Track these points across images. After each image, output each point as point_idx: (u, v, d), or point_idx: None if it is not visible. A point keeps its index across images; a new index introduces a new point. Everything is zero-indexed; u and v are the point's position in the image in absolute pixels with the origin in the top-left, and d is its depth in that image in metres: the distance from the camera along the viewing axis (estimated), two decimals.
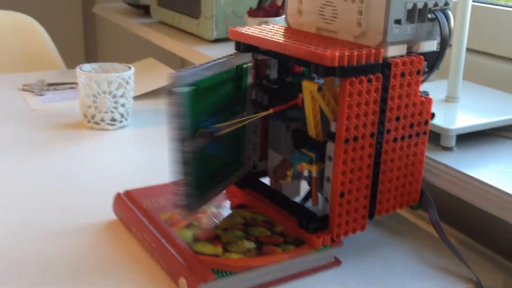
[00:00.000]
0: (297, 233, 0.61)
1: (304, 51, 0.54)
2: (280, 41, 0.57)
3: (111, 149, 0.90)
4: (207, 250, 0.58)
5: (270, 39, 0.58)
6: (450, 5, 0.58)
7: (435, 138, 0.69)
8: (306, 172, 0.66)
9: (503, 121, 0.71)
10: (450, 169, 0.65)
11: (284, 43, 0.57)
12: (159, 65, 1.27)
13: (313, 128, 0.58)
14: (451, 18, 0.57)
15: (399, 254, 0.64)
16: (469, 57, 0.87)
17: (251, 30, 0.62)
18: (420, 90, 0.60)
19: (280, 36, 0.60)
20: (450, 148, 0.69)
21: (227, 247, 0.58)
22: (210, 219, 0.64)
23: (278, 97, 0.65)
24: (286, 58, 0.58)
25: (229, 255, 0.57)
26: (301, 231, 0.60)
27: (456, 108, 0.74)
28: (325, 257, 0.60)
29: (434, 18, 0.57)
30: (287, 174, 0.58)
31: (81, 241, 0.64)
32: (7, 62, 1.50)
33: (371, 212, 0.61)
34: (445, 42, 0.57)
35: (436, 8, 0.57)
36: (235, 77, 0.63)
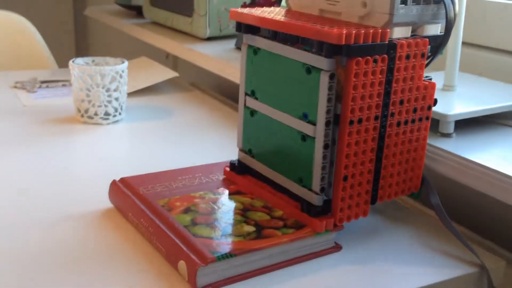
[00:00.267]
0: (298, 218, 0.60)
1: (310, 29, 0.54)
2: (284, 20, 0.56)
3: (105, 143, 0.88)
4: (206, 233, 0.56)
5: (272, 19, 0.58)
6: None
7: (434, 125, 0.69)
8: None
9: (500, 108, 0.71)
10: (450, 154, 0.64)
11: (288, 22, 0.56)
12: (153, 63, 1.25)
13: None
14: (456, 2, 0.57)
15: (401, 240, 0.63)
16: (463, 50, 0.88)
17: (253, 11, 0.61)
18: (424, 75, 0.59)
19: (282, 17, 0.59)
20: (449, 135, 0.69)
21: (227, 230, 0.57)
22: (208, 204, 0.62)
23: None
24: (291, 39, 0.57)
25: (229, 238, 0.56)
26: (302, 215, 0.59)
27: (454, 96, 0.74)
28: (326, 242, 0.59)
29: (440, 1, 0.57)
30: None
31: (77, 230, 0.62)
32: None
33: (374, 198, 0.60)
34: (450, 25, 0.57)
35: None
36: None
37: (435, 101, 0.61)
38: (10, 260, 0.56)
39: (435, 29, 0.59)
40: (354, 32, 0.52)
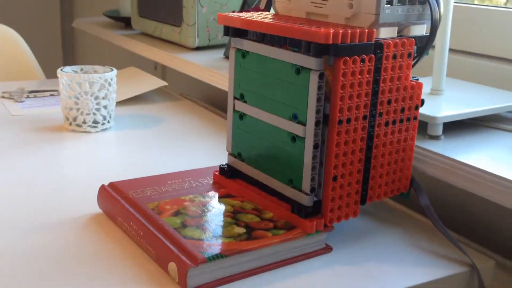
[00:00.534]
0: (288, 219, 0.59)
1: (297, 30, 0.54)
2: (271, 22, 0.57)
3: (94, 151, 0.88)
4: (197, 235, 0.56)
5: (261, 21, 0.58)
6: None
7: (423, 128, 0.70)
8: None
9: (487, 111, 0.72)
10: (439, 156, 0.65)
11: (275, 24, 0.56)
12: (141, 73, 1.26)
13: None
14: (441, 2, 0.58)
15: (391, 241, 0.63)
16: (450, 56, 0.89)
17: (240, 14, 0.62)
18: (411, 75, 0.60)
19: (270, 19, 0.59)
20: (438, 137, 0.69)
21: (217, 232, 0.57)
22: (198, 207, 0.62)
23: None
24: (279, 40, 0.57)
25: (219, 239, 0.55)
26: (293, 217, 0.59)
27: (442, 100, 0.75)
28: (316, 243, 0.59)
29: (425, 1, 0.57)
30: None
31: (66, 234, 0.62)
32: None
33: (363, 198, 0.60)
34: (435, 26, 0.58)
35: None
36: None
37: (423, 101, 0.62)
38: None
39: (421, 30, 0.59)
40: (341, 32, 0.52)
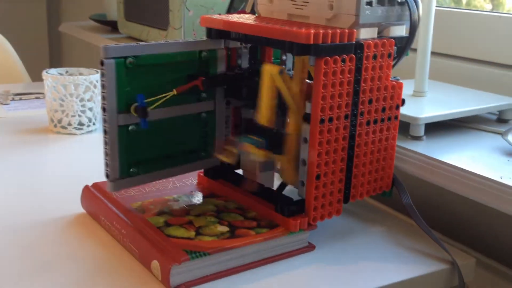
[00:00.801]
0: (272, 218, 0.60)
1: (279, 31, 0.55)
2: (253, 24, 0.58)
3: (79, 153, 0.88)
4: (180, 234, 0.56)
5: (243, 22, 0.59)
6: None
7: (405, 129, 0.71)
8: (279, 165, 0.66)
9: (468, 112, 0.73)
10: (421, 156, 0.66)
11: (257, 25, 0.57)
12: None
13: (265, 114, 0.57)
14: (420, 3, 0.59)
15: (374, 239, 0.64)
16: (432, 59, 0.90)
17: (223, 16, 0.62)
18: (392, 75, 0.61)
19: (253, 21, 0.60)
20: (420, 137, 0.70)
21: (200, 231, 0.57)
22: (182, 206, 0.62)
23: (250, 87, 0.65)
24: (259, 41, 0.58)
25: (202, 238, 0.56)
26: (276, 216, 0.59)
27: (424, 101, 0.76)
28: (299, 242, 0.59)
29: (404, 2, 0.58)
30: (229, 151, 0.59)
31: (50, 235, 0.62)
32: None
33: (346, 197, 0.61)
34: (414, 26, 0.59)
35: None
36: (198, 63, 0.63)
37: (403, 101, 0.62)
38: None
39: (400, 31, 0.60)
40: (322, 32, 0.53)
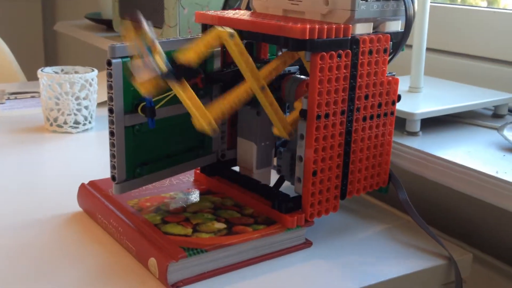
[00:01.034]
0: (269, 215, 0.60)
1: (274, 26, 0.55)
2: (248, 19, 0.57)
3: (75, 152, 0.87)
4: (177, 231, 0.56)
5: (238, 18, 0.59)
6: None
7: (401, 124, 0.71)
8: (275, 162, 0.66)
9: (464, 107, 0.73)
10: (417, 151, 0.66)
11: (253, 20, 0.57)
12: None
13: (191, 54, 0.54)
14: None
15: (371, 235, 0.64)
16: (428, 55, 0.90)
17: (218, 12, 0.62)
18: (387, 71, 0.61)
19: (248, 17, 0.60)
20: (415, 133, 0.70)
21: (197, 228, 0.57)
22: (178, 204, 0.62)
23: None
24: (255, 37, 0.58)
25: (199, 235, 0.56)
26: (274, 212, 0.59)
27: (419, 97, 0.76)
28: (297, 238, 0.59)
29: None
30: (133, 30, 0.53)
31: (47, 233, 0.62)
32: None
33: (343, 193, 0.61)
34: (410, 22, 0.59)
35: None
36: None
37: (399, 97, 0.62)
38: None
39: (396, 26, 0.60)
40: (318, 28, 0.53)
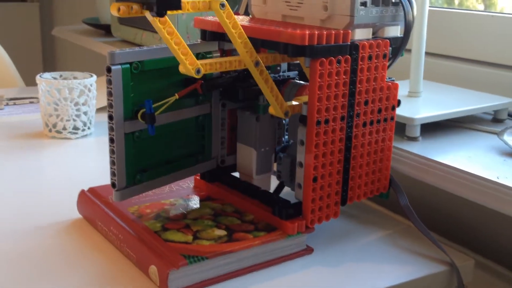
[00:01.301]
0: (269, 221, 0.60)
1: (273, 32, 0.55)
2: (247, 25, 0.57)
3: (74, 157, 0.87)
4: (177, 238, 0.56)
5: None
6: None
7: (401, 129, 0.70)
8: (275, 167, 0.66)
9: (464, 112, 0.73)
10: (417, 156, 0.65)
11: (252, 26, 0.57)
12: None
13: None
14: (414, 3, 0.59)
15: (372, 242, 0.63)
16: (427, 59, 0.90)
17: (217, 18, 0.62)
18: (387, 76, 0.61)
19: (247, 22, 0.60)
20: (415, 138, 0.70)
21: (198, 235, 0.57)
22: (179, 210, 0.62)
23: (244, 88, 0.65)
24: (254, 43, 0.58)
25: (200, 242, 0.55)
26: (274, 219, 0.59)
27: (419, 102, 0.76)
28: (297, 245, 0.59)
29: (398, 2, 0.58)
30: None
31: (46, 240, 0.61)
32: None
33: (344, 199, 0.61)
34: (409, 27, 0.59)
35: None
36: None
37: (399, 102, 0.62)
38: None
39: (395, 31, 0.60)
40: (317, 33, 0.53)
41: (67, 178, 0.79)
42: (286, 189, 0.67)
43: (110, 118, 0.56)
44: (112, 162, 0.57)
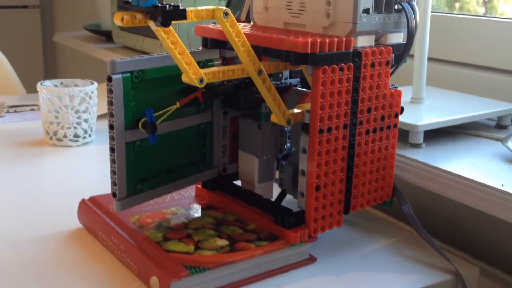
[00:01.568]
0: (272, 230, 0.59)
1: (275, 40, 0.54)
2: (249, 33, 0.57)
3: (75, 165, 0.87)
4: (179, 248, 0.55)
5: None
6: None
7: (404, 136, 0.70)
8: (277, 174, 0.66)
9: (467, 118, 0.72)
10: (421, 164, 0.65)
11: (254, 34, 0.56)
12: None
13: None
14: (417, 10, 0.58)
15: (375, 250, 0.63)
16: (429, 64, 0.89)
17: (218, 26, 0.62)
18: (390, 83, 0.60)
19: (248, 30, 0.59)
20: (419, 145, 0.69)
21: (199, 245, 0.56)
22: (180, 220, 0.62)
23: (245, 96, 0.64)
24: (256, 51, 0.57)
25: (202, 252, 0.55)
26: (276, 228, 0.59)
27: (422, 108, 0.75)
28: (300, 254, 0.59)
29: (401, 9, 0.58)
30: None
31: (46, 250, 0.61)
32: None
33: (347, 207, 0.60)
34: (412, 34, 0.58)
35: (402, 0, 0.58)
36: None
37: (402, 109, 0.62)
38: None
39: (398, 38, 0.60)
40: (319, 41, 0.52)
41: (68, 187, 0.79)
42: (288, 197, 0.66)
43: (111, 128, 0.56)
44: (113, 172, 0.56)
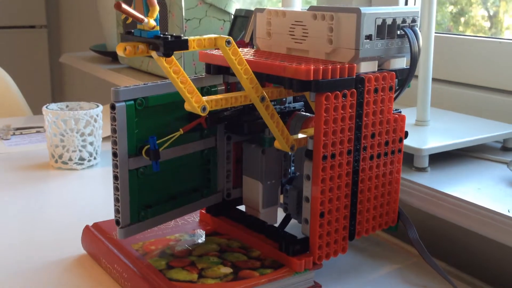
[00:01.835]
0: (276, 257, 0.59)
1: (278, 67, 0.54)
2: (252, 59, 0.57)
3: (80, 189, 0.87)
4: (182, 277, 0.55)
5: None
6: (418, 23, 0.59)
7: (409, 160, 0.69)
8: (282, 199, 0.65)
9: (473, 141, 0.72)
10: (426, 188, 0.64)
11: (257, 61, 0.56)
12: None
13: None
14: (420, 35, 0.58)
15: (381, 277, 0.62)
16: (434, 86, 0.89)
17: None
18: (393, 108, 0.60)
19: (251, 56, 0.59)
20: (424, 169, 0.69)
21: (203, 273, 0.56)
22: (184, 247, 0.61)
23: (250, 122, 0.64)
24: (259, 77, 0.57)
25: (205, 281, 0.54)
26: (281, 255, 0.58)
27: (427, 131, 0.75)
28: (305, 282, 0.58)
29: (403, 35, 0.58)
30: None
31: (49, 277, 0.61)
32: None
33: (352, 233, 0.60)
34: (415, 58, 0.58)
35: (405, 25, 0.58)
36: None
37: (406, 134, 0.61)
38: None
39: (401, 63, 0.60)
40: (322, 68, 0.52)
41: (73, 210, 0.78)
42: (293, 221, 0.66)
43: (114, 155, 0.56)
44: (116, 199, 0.56)
